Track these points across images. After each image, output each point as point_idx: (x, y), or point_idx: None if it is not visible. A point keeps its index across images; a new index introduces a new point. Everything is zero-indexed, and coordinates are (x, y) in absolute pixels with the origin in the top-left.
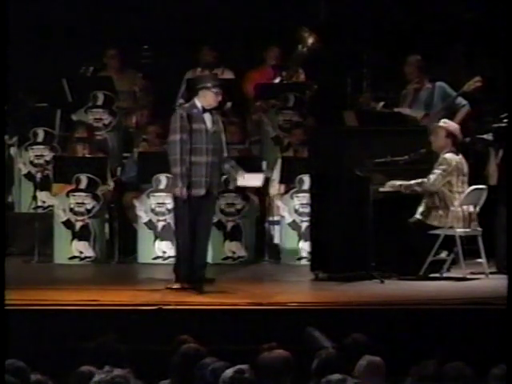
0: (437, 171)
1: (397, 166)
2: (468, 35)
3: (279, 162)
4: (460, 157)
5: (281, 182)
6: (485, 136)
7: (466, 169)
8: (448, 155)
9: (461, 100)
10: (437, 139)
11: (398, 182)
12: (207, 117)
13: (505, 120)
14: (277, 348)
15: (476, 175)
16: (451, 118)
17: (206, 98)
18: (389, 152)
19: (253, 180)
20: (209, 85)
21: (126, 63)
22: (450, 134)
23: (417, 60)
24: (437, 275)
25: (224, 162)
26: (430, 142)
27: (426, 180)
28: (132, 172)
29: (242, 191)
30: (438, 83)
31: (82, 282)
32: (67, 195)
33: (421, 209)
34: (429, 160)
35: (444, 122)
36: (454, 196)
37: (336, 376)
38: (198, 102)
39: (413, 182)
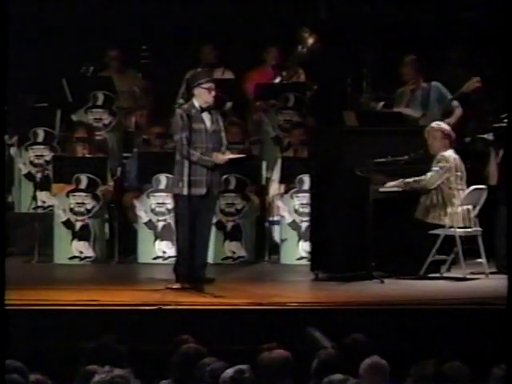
0: (434, 168)
1: (397, 166)
2: (468, 35)
3: (279, 161)
4: (457, 156)
5: (281, 182)
6: (485, 136)
7: (463, 167)
8: (445, 153)
9: (454, 102)
10: (434, 141)
11: (399, 180)
12: (206, 116)
13: (505, 120)
14: (277, 348)
15: (476, 175)
16: (447, 118)
17: (201, 96)
18: (389, 152)
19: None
20: (200, 81)
21: (127, 63)
22: (446, 135)
23: (412, 60)
24: (437, 275)
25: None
26: (427, 146)
27: (423, 177)
28: (132, 172)
29: (242, 191)
30: (434, 83)
31: (82, 282)
32: (67, 195)
33: (419, 208)
34: (429, 160)
35: (437, 124)
36: (453, 193)
37: (338, 376)
38: (196, 102)
39: (411, 179)
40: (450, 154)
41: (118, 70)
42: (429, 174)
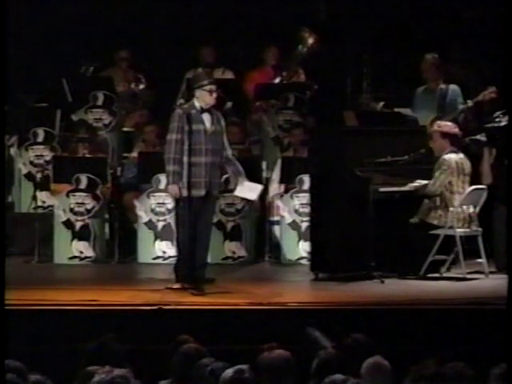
0: (437, 174)
1: (397, 166)
2: (468, 34)
3: (279, 162)
4: (461, 156)
5: (281, 182)
6: (477, 137)
7: (467, 169)
8: (447, 156)
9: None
10: (434, 143)
11: (424, 182)
12: (206, 117)
13: (497, 119)
14: (277, 348)
15: (475, 175)
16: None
17: (202, 98)
18: (389, 152)
19: (249, 192)
20: (202, 83)
21: (131, 64)
22: (445, 135)
23: (433, 58)
24: (437, 275)
25: (227, 164)
26: (431, 147)
27: (429, 184)
28: (132, 172)
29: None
30: (452, 86)
31: (82, 281)
32: (67, 195)
33: (421, 209)
34: (429, 160)
35: (437, 125)
36: (454, 197)
37: (339, 376)
38: (197, 103)
39: (419, 184)
40: (451, 156)
41: (124, 70)
42: (432, 182)
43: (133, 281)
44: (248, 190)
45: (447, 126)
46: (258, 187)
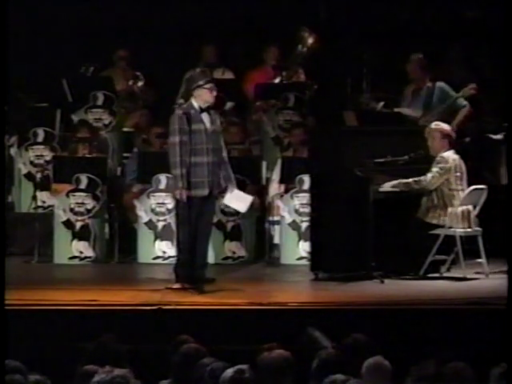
0: (434, 169)
1: (397, 166)
2: (468, 34)
3: (279, 162)
4: (458, 156)
5: (281, 182)
6: (497, 136)
7: (463, 167)
8: (445, 154)
9: (461, 101)
10: (433, 142)
11: (397, 181)
12: (205, 116)
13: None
14: (277, 348)
15: (476, 175)
16: (451, 118)
17: (202, 97)
18: (389, 152)
19: (238, 202)
20: (201, 82)
21: (130, 63)
22: (445, 136)
23: (419, 58)
24: (437, 275)
25: (221, 166)
26: (427, 147)
27: (422, 178)
28: (132, 172)
29: (242, 191)
30: (438, 83)
31: (82, 282)
32: (67, 195)
33: (420, 208)
34: (428, 160)
35: (436, 125)
36: (453, 194)
37: (340, 376)
38: (195, 102)
39: (411, 179)
40: (449, 154)
41: (123, 70)
42: (429, 176)
43: (133, 281)
44: (237, 200)
45: (447, 126)
46: (248, 198)
